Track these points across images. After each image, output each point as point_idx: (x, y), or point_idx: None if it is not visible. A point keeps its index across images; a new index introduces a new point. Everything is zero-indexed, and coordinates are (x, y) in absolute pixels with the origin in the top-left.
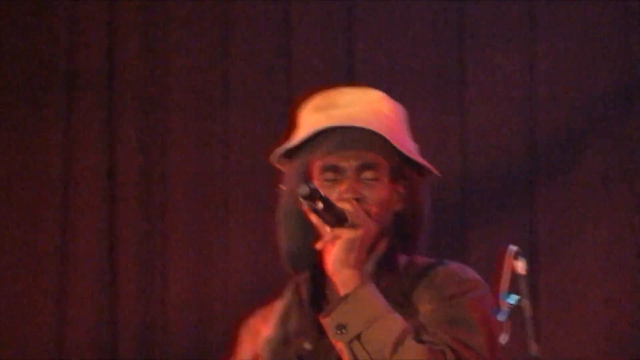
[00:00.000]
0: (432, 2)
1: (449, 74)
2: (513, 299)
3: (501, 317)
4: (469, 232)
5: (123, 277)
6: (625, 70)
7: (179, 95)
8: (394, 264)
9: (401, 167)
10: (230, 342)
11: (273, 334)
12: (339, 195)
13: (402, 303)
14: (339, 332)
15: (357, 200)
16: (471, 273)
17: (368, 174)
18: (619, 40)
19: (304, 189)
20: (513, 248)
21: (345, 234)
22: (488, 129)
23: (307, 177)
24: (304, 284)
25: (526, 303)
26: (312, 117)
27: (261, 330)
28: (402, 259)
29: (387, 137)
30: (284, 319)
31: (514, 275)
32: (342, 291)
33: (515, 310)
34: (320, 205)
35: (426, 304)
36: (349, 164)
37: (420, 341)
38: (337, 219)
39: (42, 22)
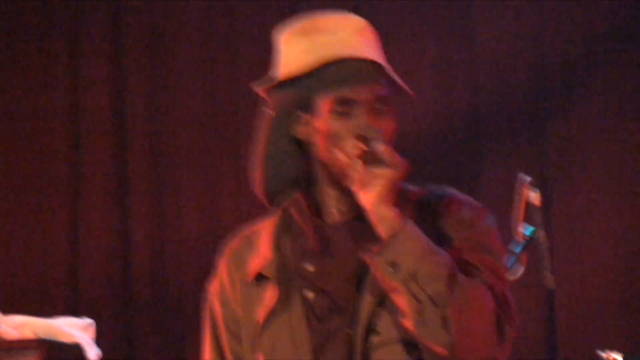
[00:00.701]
0: None
1: (457, 7)
2: (528, 230)
3: (517, 249)
4: (481, 162)
5: (135, 211)
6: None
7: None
8: (403, 194)
9: (390, 94)
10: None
11: (272, 256)
12: (360, 130)
13: (429, 235)
14: (392, 270)
15: (376, 134)
16: (474, 200)
17: (381, 107)
18: None
19: (373, 132)
20: (526, 178)
21: (386, 173)
22: (497, 61)
23: (309, 107)
24: (297, 206)
25: (541, 234)
26: (298, 43)
27: (246, 253)
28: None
29: (386, 67)
30: (277, 241)
31: (528, 206)
32: (385, 230)
33: (531, 241)
34: (379, 146)
35: (450, 231)
36: (365, 98)
37: (467, 273)
38: (375, 159)
39: None
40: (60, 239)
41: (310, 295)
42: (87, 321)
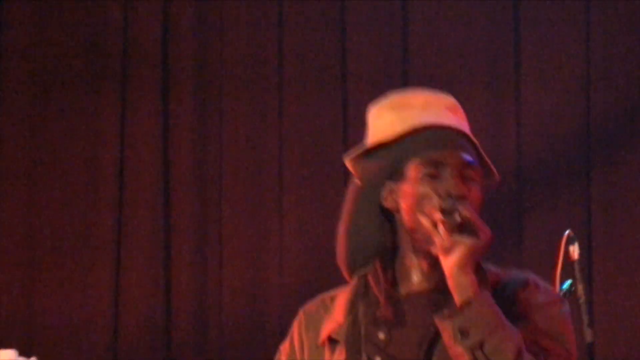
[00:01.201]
0: None
1: (503, 61)
2: (567, 284)
3: None
4: (525, 218)
5: (178, 261)
6: None
7: (233, 79)
8: (482, 274)
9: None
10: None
11: (344, 321)
12: (446, 193)
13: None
14: (461, 337)
15: (464, 197)
16: (550, 286)
17: (470, 173)
18: None
19: (449, 203)
20: (567, 233)
21: (468, 241)
22: (543, 116)
23: (396, 175)
24: (376, 276)
25: (580, 288)
26: (388, 117)
27: (322, 317)
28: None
29: (474, 141)
30: (351, 308)
31: (568, 260)
32: (460, 296)
33: (570, 295)
34: (457, 218)
35: (522, 312)
36: (453, 160)
37: (534, 354)
38: (456, 224)
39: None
40: (103, 288)
41: None
42: None
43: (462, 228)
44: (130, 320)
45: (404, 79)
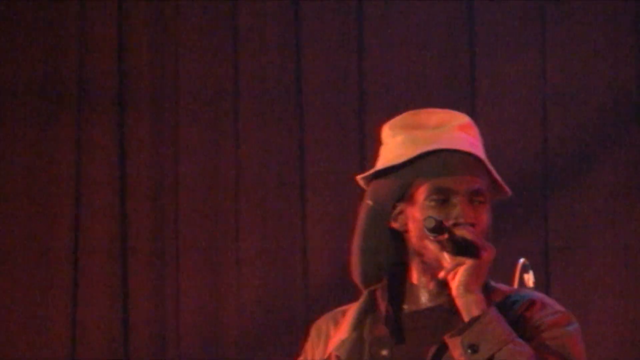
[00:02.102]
0: (443, 6)
1: (459, 84)
2: None
3: None
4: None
5: (135, 290)
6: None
7: (190, 99)
8: (486, 290)
9: (489, 191)
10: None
11: (348, 336)
12: (455, 220)
13: None
14: (471, 352)
15: (472, 225)
16: (558, 304)
17: (478, 199)
18: (630, 46)
19: (431, 222)
20: (522, 261)
21: (469, 261)
22: (499, 139)
23: (405, 197)
24: (382, 293)
25: None
26: (401, 136)
27: (331, 331)
28: (489, 284)
29: (486, 163)
30: (358, 324)
31: (522, 287)
32: (467, 315)
33: None
34: (444, 235)
35: (529, 331)
36: (463, 188)
37: None
38: (458, 246)
39: (52, 27)
40: (59, 320)
41: None
42: None
43: (462, 248)
44: (88, 354)
45: (360, 100)
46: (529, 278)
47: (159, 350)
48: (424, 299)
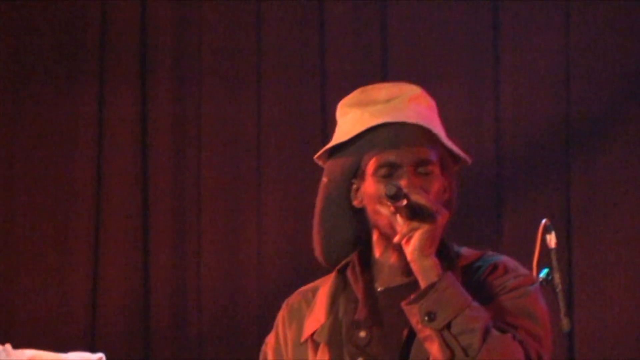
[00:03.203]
0: None
1: (482, 54)
2: (544, 272)
3: None
4: (504, 208)
5: (156, 246)
6: None
7: (212, 64)
8: (450, 254)
9: (445, 159)
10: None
11: (325, 321)
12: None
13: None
14: (428, 319)
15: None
16: (521, 267)
17: (423, 169)
18: None
19: (391, 189)
20: (544, 222)
21: (424, 226)
22: (522, 105)
23: (358, 173)
24: (353, 272)
25: (557, 277)
26: (353, 113)
27: (304, 310)
28: (453, 249)
29: (434, 132)
30: (332, 306)
31: (546, 248)
32: (424, 280)
33: (547, 284)
34: (403, 202)
35: (491, 295)
36: (407, 160)
37: (502, 331)
38: (413, 212)
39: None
40: (80, 273)
41: None
42: (98, 355)
43: (417, 213)
44: (108, 308)
45: (383, 75)
46: (552, 239)
47: (180, 305)
48: (392, 273)
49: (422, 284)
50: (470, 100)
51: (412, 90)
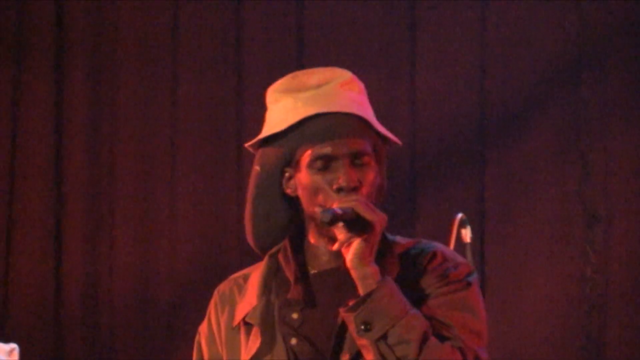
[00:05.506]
0: None
1: (399, 42)
2: None
3: None
4: (419, 200)
5: (69, 235)
6: (577, 37)
7: (128, 57)
8: (386, 244)
9: (377, 144)
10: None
11: (257, 303)
12: (338, 185)
13: (409, 289)
14: (364, 329)
15: (355, 188)
16: (458, 255)
17: (359, 160)
18: (569, 7)
19: (327, 216)
20: (459, 216)
21: (362, 235)
22: (438, 100)
23: (292, 163)
24: (285, 256)
25: None
26: (285, 101)
27: (235, 297)
28: (387, 237)
29: (368, 119)
30: (264, 289)
31: (460, 242)
32: (363, 288)
33: None
34: (339, 224)
35: (431, 285)
36: (342, 152)
37: (440, 338)
38: (352, 222)
39: None
40: None
41: (293, 341)
42: (11, 346)
43: (356, 223)
44: (20, 299)
45: (299, 63)
46: (467, 233)
47: (92, 296)
48: (325, 258)
49: (360, 292)
50: (386, 94)
51: (342, 75)
